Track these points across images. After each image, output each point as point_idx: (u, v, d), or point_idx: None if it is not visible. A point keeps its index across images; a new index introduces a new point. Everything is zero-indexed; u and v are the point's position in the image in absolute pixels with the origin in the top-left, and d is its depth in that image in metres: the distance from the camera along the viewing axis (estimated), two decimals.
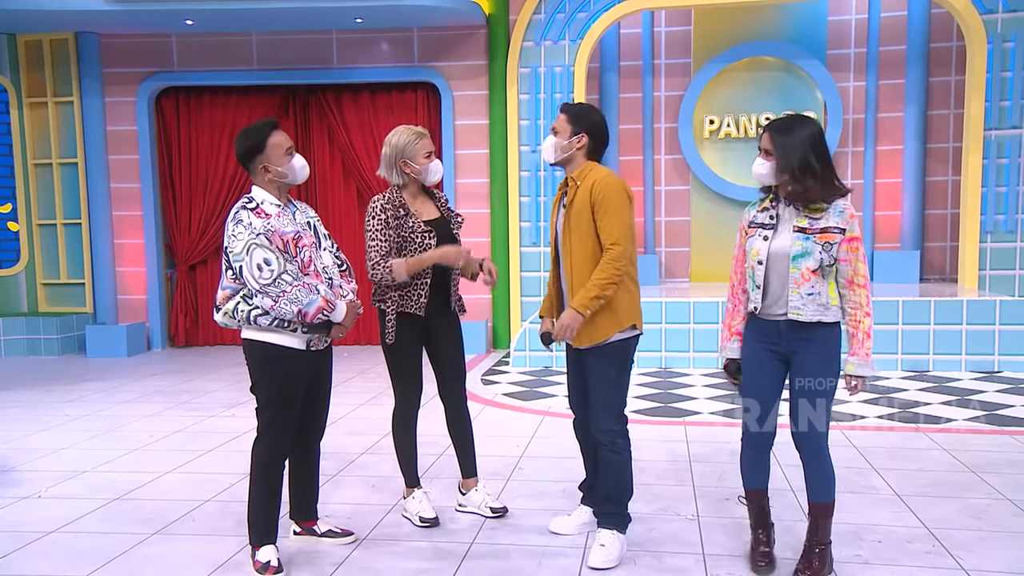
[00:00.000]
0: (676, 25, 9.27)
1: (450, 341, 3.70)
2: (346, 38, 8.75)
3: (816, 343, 2.93)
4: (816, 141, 2.88)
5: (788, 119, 2.97)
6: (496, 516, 3.72)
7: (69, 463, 4.74)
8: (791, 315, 2.91)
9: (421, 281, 3.51)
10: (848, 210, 2.90)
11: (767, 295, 2.96)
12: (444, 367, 3.72)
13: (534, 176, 8.48)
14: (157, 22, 8.28)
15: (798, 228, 2.89)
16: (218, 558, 3.33)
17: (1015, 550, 3.30)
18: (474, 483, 3.79)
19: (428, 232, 3.51)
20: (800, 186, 2.87)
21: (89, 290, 9.25)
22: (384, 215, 3.47)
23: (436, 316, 3.59)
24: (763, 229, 2.97)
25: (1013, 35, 7.70)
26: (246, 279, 3.04)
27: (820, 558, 3.02)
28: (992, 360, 6.86)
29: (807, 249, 2.87)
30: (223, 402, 6.36)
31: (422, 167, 3.53)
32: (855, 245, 2.89)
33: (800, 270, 2.88)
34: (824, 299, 2.90)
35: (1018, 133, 7.77)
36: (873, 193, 9.10)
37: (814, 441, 2.97)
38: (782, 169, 2.89)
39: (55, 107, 9.06)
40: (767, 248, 2.94)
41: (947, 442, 4.85)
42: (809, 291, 2.89)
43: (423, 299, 3.51)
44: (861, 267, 2.92)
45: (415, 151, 3.52)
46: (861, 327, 2.93)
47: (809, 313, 2.89)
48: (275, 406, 3.16)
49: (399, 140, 3.54)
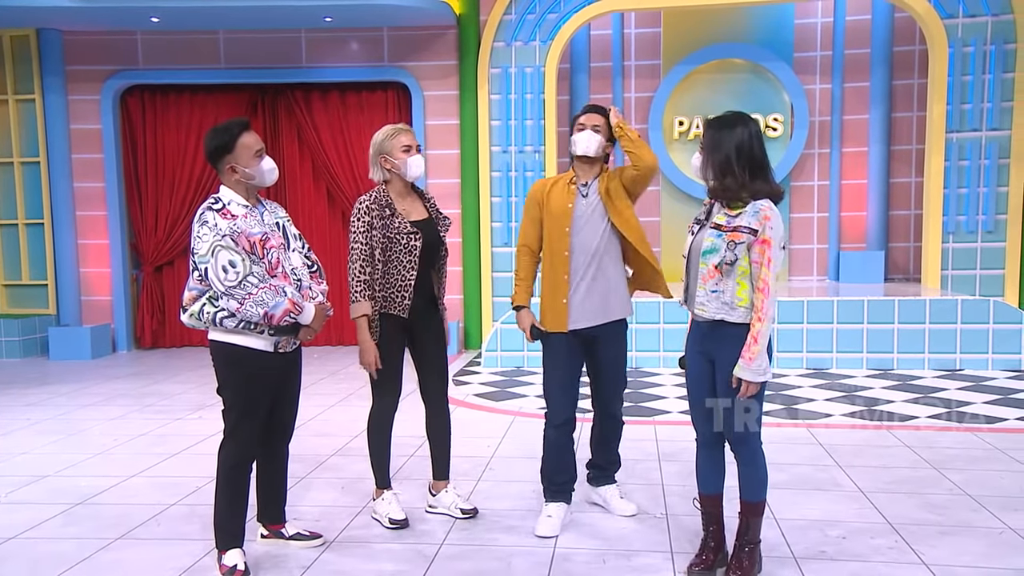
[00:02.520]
0: (646, 27, 9.33)
1: (433, 341, 3.68)
2: (315, 37, 8.68)
3: (728, 343, 2.89)
4: (744, 141, 2.86)
5: (724, 116, 2.96)
6: (466, 517, 3.71)
7: (31, 468, 4.65)
8: (696, 311, 2.95)
9: (405, 282, 3.49)
10: (764, 211, 2.85)
11: (688, 290, 3.03)
12: (427, 367, 3.70)
13: (505, 176, 8.48)
14: (122, 19, 8.15)
15: (715, 225, 2.92)
16: (184, 562, 3.29)
17: (975, 544, 3.36)
18: (444, 485, 3.79)
19: (414, 234, 3.49)
20: (719, 184, 2.90)
21: (52, 291, 9.07)
22: (369, 216, 3.46)
23: (420, 316, 3.58)
24: (695, 224, 3.04)
25: (973, 40, 7.86)
26: (211, 281, 3.01)
27: (750, 557, 3.04)
28: (954, 358, 6.99)
29: (715, 246, 2.88)
30: (190, 405, 6.28)
31: (400, 161, 3.52)
32: (764, 248, 2.83)
33: (708, 267, 2.90)
34: (728, 298, 2.87)
35: (979, 136, 7.93)
36: (839, 194, 9.23)
37: (744, 441, 2.99)
38: (707, 165, 2.93)
39: (16, 104, 8.88)
40: (690, 243, 3.01)
41: (910, 439, 4.94)
42: (713, 288, 2.89)
43: (407, 300, 3.50)
44: (764, 271, 2.82)
45: (392, 146, 3.52)
46: (752, 331, 2.85)
47: (712, 311, 2.90)
48: (241, 408, 3.13)
49: (378, 136, 3.57)
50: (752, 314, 2.86)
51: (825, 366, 7.12)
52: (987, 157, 7.91)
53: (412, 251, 3.49)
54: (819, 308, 7.16)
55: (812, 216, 9.27)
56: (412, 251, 3.49)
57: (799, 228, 9.30)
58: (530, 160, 8.45)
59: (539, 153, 8.44)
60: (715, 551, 3.12)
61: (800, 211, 9.28)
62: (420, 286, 3.55)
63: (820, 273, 9.34)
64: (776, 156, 9.00)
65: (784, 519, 3.63)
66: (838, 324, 7.11)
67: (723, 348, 2.93)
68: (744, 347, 2.85)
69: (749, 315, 2.87)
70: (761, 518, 3.07)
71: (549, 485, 3.63)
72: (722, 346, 2.93)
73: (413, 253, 3.49)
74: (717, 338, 2.94)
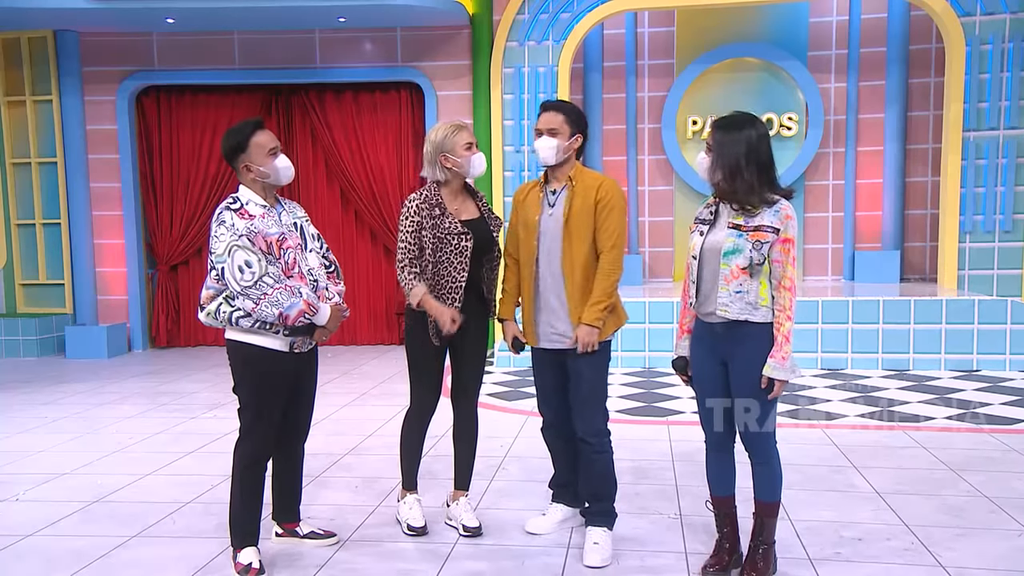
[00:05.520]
0: (659, 26, 9.30)
1: (475, 342, 3.54)
2: (329, 37, 8.71)
3: (749, 343, 2.89)
4: (753, 144, 2.84)
5: (732, 117, 2.93)
6: (468, 535, 3.50)
7: (48, 465, 4.69)
8: (719, 312, 2.90)
9: (456, 283, 3.37)
10: (784, 210, 2.86)
11: (700, 292, 2.97)
12: (464, 368, 3.56)
13: (518, 176, 8.47)
14: (137, 21, 8.20)
15: (733, 225, 2.89)
16: (199, 560, 3.31)
17: (992, 547, 3.33)
18: (461, 495, 3.64)
19: (465, 234, 3.36)
20: (728, 186, 2.87)
21: (69, 291, 9.15)
22: (419, 216, 3.36)
23: (469, 317, 3.43)
24: (702, 225, 2.99)
25: (991, 37, 7.79)
26: (227, 281, 3.02)
27: (764, 558, 3.02)
28: (971, 359, 6.93)
29: (739, 246, 2.86)
30: (205, 403, 6.31)
31: (463, 159, 3.40)
32: (787, 247, 2.85)
33: (730, 267, 2.87)
34: (752, 298, 2.87)
35: (996, 135, 7.86)
36: (854, 194, 9.17)
37: (760, 441, 2.97)
38: (715, 167, 2.90)
39: (34, 105, 8.96)
40: (701, 243, 2.95)
41: (926, 440, 4.90)
42: (737, 289, 2.87)
43: (457, 302, 3.37)
44: (790, 270, 2.86)
45: (454, 144, 3.39)
46: (781, 330, 2.85)
47: (735, 311, 2.87)
48: (256, 407, 3.15)
49: (437, 135, 3.42)
50: (777, 313, 2.87)
51: (840, 366, 7.08)
52: (1004, 156, 7.83)
53: (463, 252, 3.36)
54: (834, 308, 7.12)
55: (827, 215, 9.21)
56: (463, 252, 3.36)
57: (814, 228, 9.24)
58: None
59: None
60: (730, 552, 3.11)
61: (815, 210, 9.22)
62: (470, 286, 3.42)
63: (835, 273, 9.28)
64: (791, 155, 8.96)
65: (799, 520, 3.61)
66: (853, 324, 7.06)
67: (742, 348, 2.90)
68: (775, 347, 2.85)
69: (769, 314, 2.88)
70: (776, 519, 3.05)
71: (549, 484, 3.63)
72: (741, 346, 2.90)
73: (464, 254, 3.37)
74: (736, 338, 2.91)
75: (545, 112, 3.31)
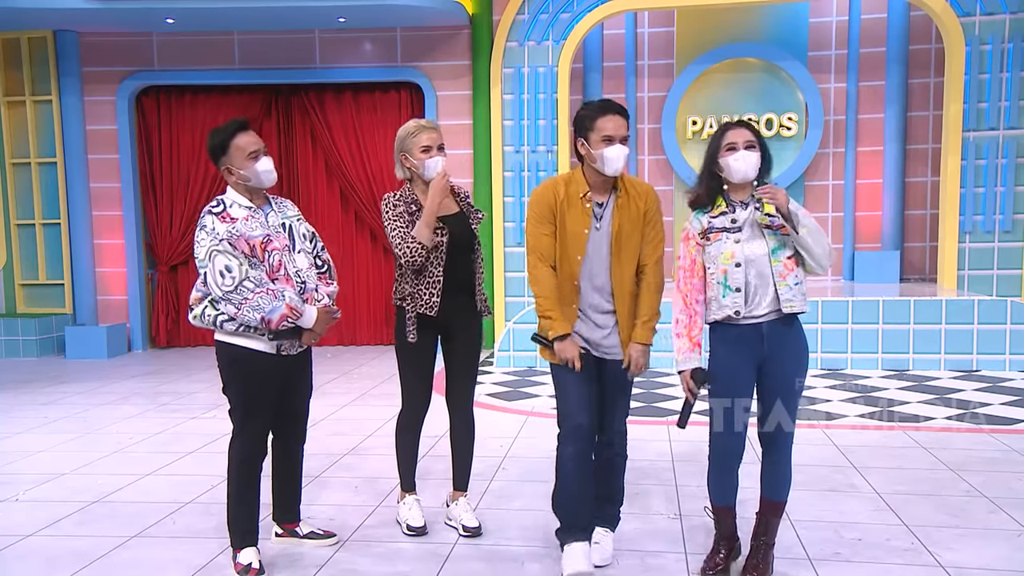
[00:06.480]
0: (659, 26, 9.30)
1: (466, 342, 3.52)
2: (329, 38, 8.71)
3: (792, 342, 2.97)
4: None
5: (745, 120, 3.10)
6: (468, 536, 3.51)
7: (47, 466, 4.69)
8: (784, 308, 2.91)
9: (432, 279, 3.36)
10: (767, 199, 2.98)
11: (748, 297, 2.94)
12: (456, 370, 3.55)
13: (518, 176, 8.48)
14: (137, 21, 8.21)
15: (764, 225, 2.93)
16: (199, 561, 3.31)
17: (992, 547, 3.33)
18: (460, 495, 3.65)
19: (440, 229, 3.34)
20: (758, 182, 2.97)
21: (68, 291, 9.15)
22: (399, 208, 3.37)
23: (455, 316, 3.43)
24: (728, 233, 2.94)
25: (990, 38, 7.79)
26: (209, 285, 2.99)
27: (766, 559, 3.03)
28: (971, 359, 6.93)
29: (781, 242, 2.93)
30: (204, 403, 6.31)
31: (419, 162, 3.39)
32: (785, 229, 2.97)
33: (781, 262, 2.91)
34: (805, 287, 2.97)
35: (996, 135, 7.86)
36: (854, 194, 9.17)
37: (785, 440, 2.99)
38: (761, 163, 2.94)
39: (33, 105, 8.96)
40: (741, 250, 2.92)
41: (926, 440, 4.90)
42: (795, 281, 2.94)
43: (435, 298, 3.35)
44: None
45: (412, 145, 3.39)
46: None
47: (799, 304, 2.95)
48: (245, 407, 3.15)
49: (400, 133, 3.45)
50: None
51: (840, 367, 7.08)
52: (1004, 156, 7.84)
53: (438, 247, 3.34)
54: (834, 308, 7.11)
55: (827, 216, 9.21)
56: (438, 247, 3.34)
57: None
58: (543, 160, 8.45)
59: (552, 153, 8.44)
60: (728, 554, 3.11)
61: (815, 210, 9.20)
62: (453, 284, 3.39)
63: (835, 273, 9.28)
64: (790, 155, 8.97)
65: (799, 520, 3.61)
66: (853, 324, 7.06)
67: (788, 346, 2.97)
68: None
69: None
70: (780, 519, 3.06)
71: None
72: (787, 344, 2.96)
73: (439, 249, 3.34)
74: (783, 337, 2.95)
75: (616, 115, 2.99)
